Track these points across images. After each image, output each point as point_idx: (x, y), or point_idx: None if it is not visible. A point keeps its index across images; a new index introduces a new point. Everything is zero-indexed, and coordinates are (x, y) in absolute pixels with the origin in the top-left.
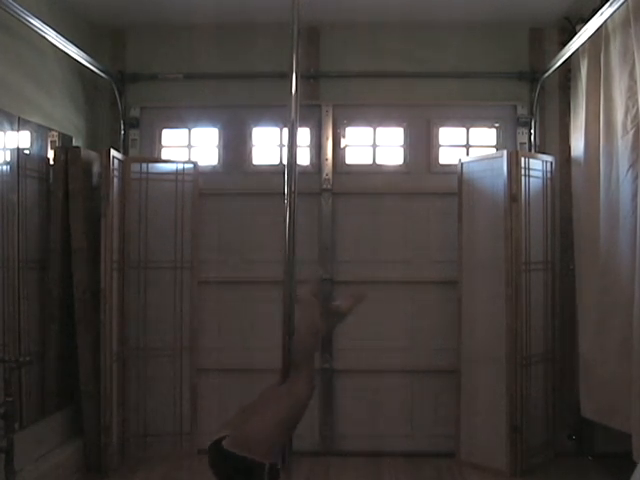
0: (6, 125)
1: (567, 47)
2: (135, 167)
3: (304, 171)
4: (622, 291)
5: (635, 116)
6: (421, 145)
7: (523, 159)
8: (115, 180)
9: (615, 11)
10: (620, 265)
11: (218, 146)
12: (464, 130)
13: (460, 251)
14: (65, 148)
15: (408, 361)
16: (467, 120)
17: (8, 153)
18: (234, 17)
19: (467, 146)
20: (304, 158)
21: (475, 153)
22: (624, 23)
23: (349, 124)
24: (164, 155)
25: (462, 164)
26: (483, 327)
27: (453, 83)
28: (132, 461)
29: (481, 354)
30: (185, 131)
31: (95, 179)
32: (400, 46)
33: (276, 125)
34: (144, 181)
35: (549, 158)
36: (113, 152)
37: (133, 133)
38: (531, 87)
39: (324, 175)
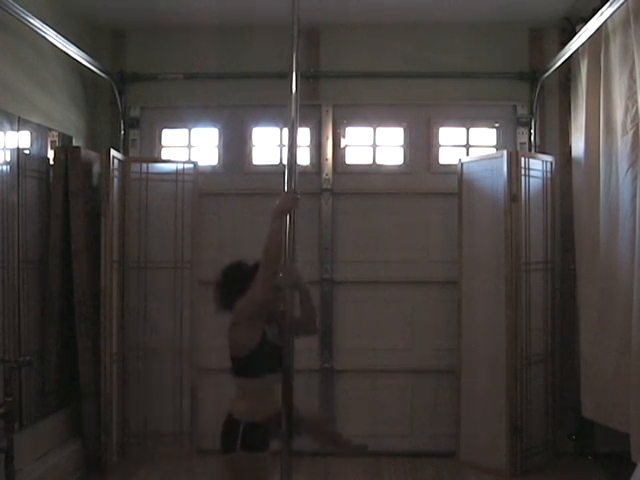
0: (6, 125)
1: (567, 47)
2: (135, 167)
3: (304, 171)
4: (622, 291)
5: (635, 116)
6: (421, 145)
7: (523, 159)
8: (115, 180)
9: (615, 11)
10: (620, 265)
11: (218, 146)
12: (464, 130)
13: (460, 251)
14: (65, 148)
15: (408, 361)
16: (467, 120)
17: (8, 153)
18: (234, 17)
19: (467, 146)
20: (304, 158)
21: (475, 153)
22: (624, 23)
23: (349, 124)
24: (164, 155)
25: (462, 164)
26: (483, 327)
27: (453, 83)
28: (132, 461)
29: (481, 354)
30: (185, 131)
31: (95, 179)
32: (400, 46)
33: (276, 125)
34: (144, 181)
35: (549, 158)
36: (113, 152)
37: (133, 133)
38: (531, 87)
39: (324, 175)
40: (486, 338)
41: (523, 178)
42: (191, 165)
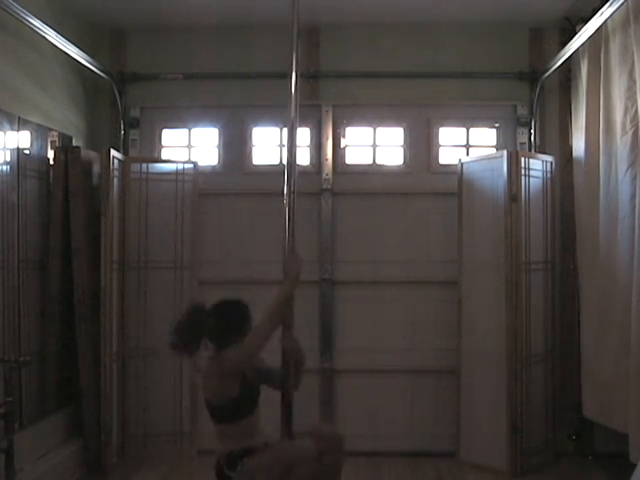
0: (6, 125)
1: (567, 47)
2: (135, 167)
3: (304, 171)
4: (621, 291)
5: (634, 116)
6: (421, 145)
7: (523, 159)
8: (115, 180)
9: (615, 11)
10: (619, 265)
11: (218, 146)
12: (464, 130)
13: (460, 251)
14: (65, 148)
15: (408, 361)
16: (467, 120)
17: (8, 153)
18: (234, 17)
19: (467, 146)
20: (304, 158)
21: (475, 153)
22: (624, 23)
23: (349, 124)
24: (164, 155)
25: (462, 164)
26: (483, 327)
27: (453, 83)
28: (132, 461)
29: (481, 354)
30: (185, 131)
31: (95, 179)
32: (400, 46)
33: (276, 125)
34: (144, 181)
35: (549, 158)
36: (113, 152)
37: (133, 133)
38: (531, 87)
39: (324, 175)
40: (486, 338)
41: (523, 178)
42: (191, 165)
